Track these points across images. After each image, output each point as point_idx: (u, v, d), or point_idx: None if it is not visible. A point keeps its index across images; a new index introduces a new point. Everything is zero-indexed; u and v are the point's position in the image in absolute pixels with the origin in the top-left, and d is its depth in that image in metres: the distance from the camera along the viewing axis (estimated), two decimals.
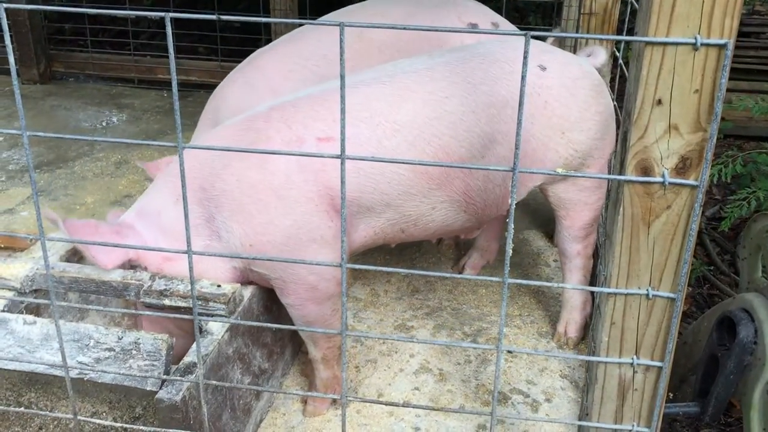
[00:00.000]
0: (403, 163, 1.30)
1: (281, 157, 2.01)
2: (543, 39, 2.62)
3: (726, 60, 1.18)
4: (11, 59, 1.29)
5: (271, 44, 2.95)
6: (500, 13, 3.01)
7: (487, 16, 2.86)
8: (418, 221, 2.20)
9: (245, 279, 2.16)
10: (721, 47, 1.20)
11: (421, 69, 2.18)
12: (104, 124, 4.61)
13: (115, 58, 5.34)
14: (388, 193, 2.10)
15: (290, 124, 2.06)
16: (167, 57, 5.44)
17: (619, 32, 3.11)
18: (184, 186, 1.38)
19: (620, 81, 3.02)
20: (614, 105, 2.49)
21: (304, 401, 2.32)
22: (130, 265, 2.10)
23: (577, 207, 2.43)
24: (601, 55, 2.51)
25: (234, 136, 2.09)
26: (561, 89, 2.23)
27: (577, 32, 3.09)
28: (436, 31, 2.51)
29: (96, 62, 5.28)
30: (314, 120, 2.06)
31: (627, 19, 2.77)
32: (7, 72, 5.33)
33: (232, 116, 2.73)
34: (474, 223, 2.34)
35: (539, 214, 3.45)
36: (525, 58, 1.19)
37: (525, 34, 1.20)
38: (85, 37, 5.35)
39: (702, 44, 1.20)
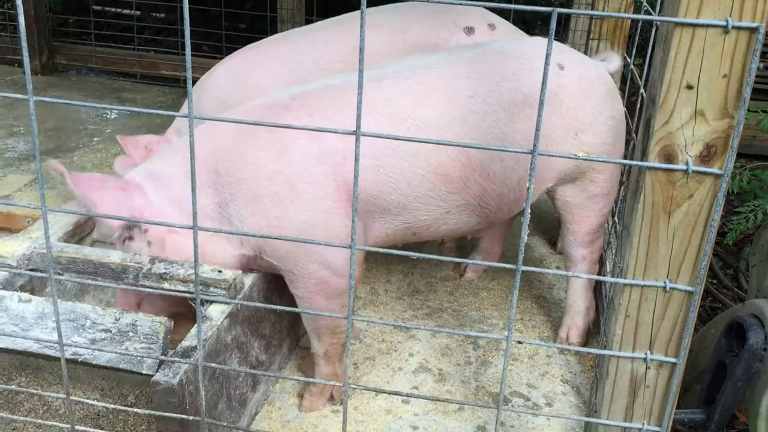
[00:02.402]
0: (419, 141, 1.27)
1: (300, 148, 1.95)
2: (568, 24, 2.60)
3: (757, 44, 1.15)
4: (23, 36, 1.25)
5: (262, 41, 2.92)
6: (506, 20, 2.99)
7: (484, 18, 2.83)
8: (431, 225, 2.17)
9: (252, 267, 2.12)
10: (753, 30, 1.17)
11: (445, 65, 2.14)
12: (105, 117, 4.57)
13: (118, 53, 5.31)
14: (407, 195, 2.06)
15: (312, 114, 2.00)
16: (170, 53, 5.42)
17: (631, 39, 3.09)
18: (192, 158, 1.34)
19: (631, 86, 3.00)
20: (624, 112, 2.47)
21: (301, 396, 2.27)
22: (134, 225, 2.03)
23: (584, 212, 2.40)
24: (615, 61, 2.49)
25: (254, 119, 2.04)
26: (577, 90, 2.21)
27: (588, 38, 3.07)
28: (458, 4, 2.44)
29: (99, 56, 5.24)
30: (336, 111, 2.00)
31: (640, 25, 2.75)
32: (8, 62, 5.31)
33: (213, 107, 2.69)
34: (484, 225, 2.31)
35: (543, 221, 3.42)
36: (550, 35, 1.16)
37: (552, 11, 1.17)
38: (90, 30, 5.32)
39: (733, 27, 1.17)
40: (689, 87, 1.23)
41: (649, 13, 2.60)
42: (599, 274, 2.64)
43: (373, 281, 2.92)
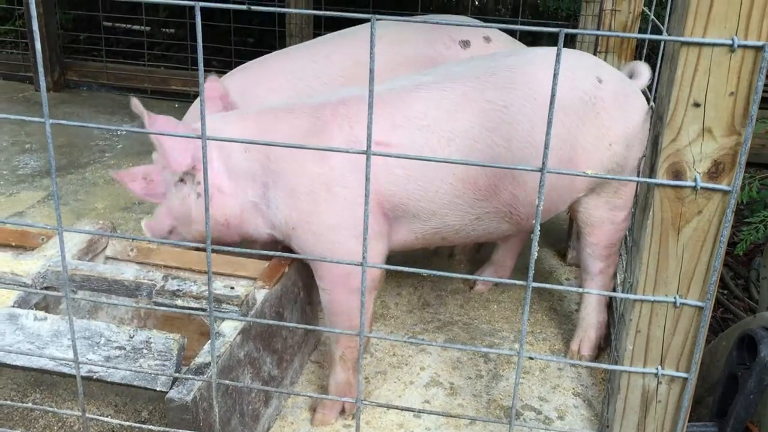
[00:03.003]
0: (429, 160, 1.28)
1: (340, 153, 2.04)
2: (575, 37, 2.63)
3: (763, 62, 1.16)
4: (37, 44, 1.27)
5: (265, 56, 2.96)
6: (513, 37, 3.01)
7: (479, 32, 2.85)
8: (460, 231, 2.22)
9: (278, 244, 2.24)
10: (759, 49, 1.18)
11: (480, 74, 2.18)
12: (116, 132, 4.61)
13: (128, 68, 5.36)
14: (435, 202, 2.12)
15: (353, 125, 2.09)
16: (180, 68, 5.44)
17: (638, 49, 3.10)
18: (206, 180, 1.35)
19: None
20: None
21: (313, 410, 2.28)
22: (190, 172, 2.15)
23: (605, 226, 2.41)
24: (645, 75, 2.47)
25: (302, 121, 2.14)
26: (614, 103, 2.24)
27: (595, 51, 3.09)
28: (460, 26, 2.49)
29: (110, 72, 5.30)
30: (375, 123, 2.05)
31: (646, 40, 2.75)
32: (20, 79, 5.37)
33: None
34: (515, 232, 2.35)
35: (552, 233, 3.43)
36: (558, 55, 1.17)
37: (559, 31, 1.19)
38: (100, 47, 5.37)
39: (739, 45, 1.18)
40: (696, 105, 1.24)
41: (657, 27, 2.61)
42: (611, 288, 2.64)
43: (384, 294, 2.93)
